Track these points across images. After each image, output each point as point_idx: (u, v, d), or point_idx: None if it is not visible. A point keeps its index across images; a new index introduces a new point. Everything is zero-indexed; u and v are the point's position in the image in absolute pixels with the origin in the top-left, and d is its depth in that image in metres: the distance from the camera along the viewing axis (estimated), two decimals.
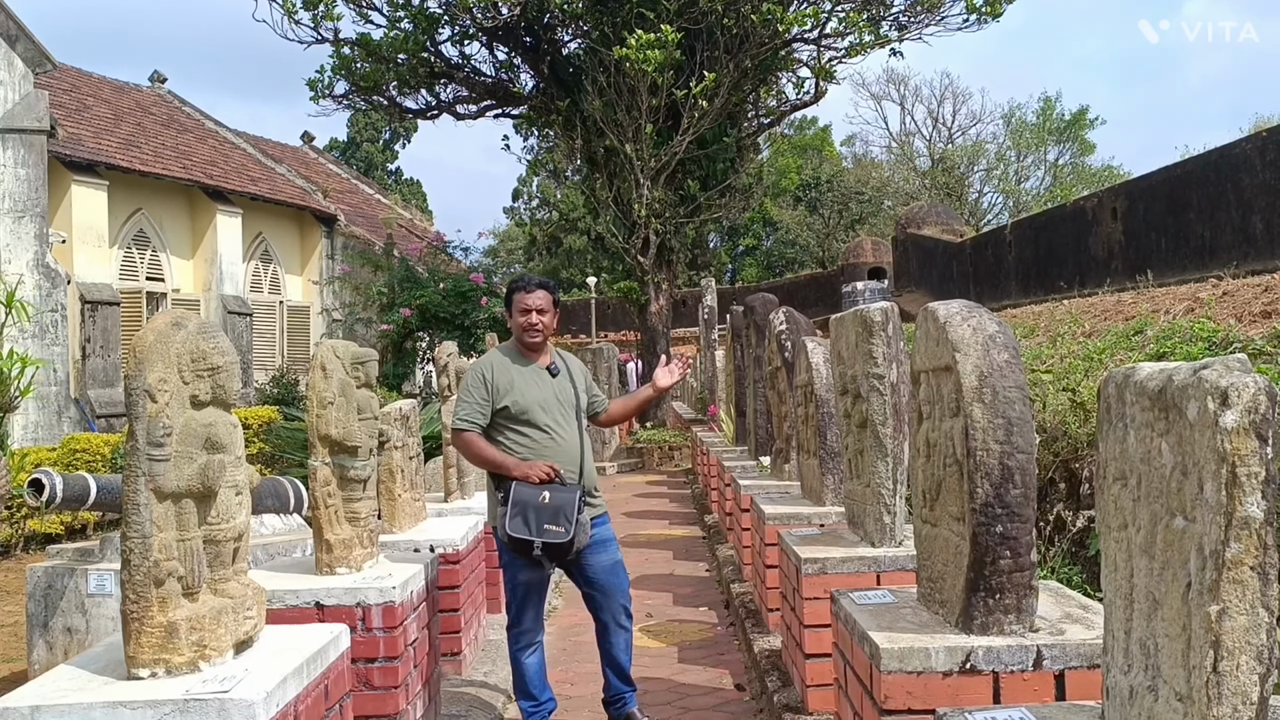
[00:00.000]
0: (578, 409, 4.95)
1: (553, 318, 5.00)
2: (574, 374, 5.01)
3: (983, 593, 2.94)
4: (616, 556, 4.97)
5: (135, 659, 2.99)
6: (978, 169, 48.65)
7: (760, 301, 8.93)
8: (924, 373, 3.29)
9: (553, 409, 4.88)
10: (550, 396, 4.89)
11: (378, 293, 18.44)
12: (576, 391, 4.97)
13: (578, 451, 4.89)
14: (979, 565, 2.93)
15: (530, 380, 4.91)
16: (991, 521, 2.90)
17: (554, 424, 4.87)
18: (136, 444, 2.99)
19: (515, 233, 53.88)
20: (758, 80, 20.40)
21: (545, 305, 4.94)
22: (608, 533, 4.98)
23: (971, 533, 2.92)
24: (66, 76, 24.04)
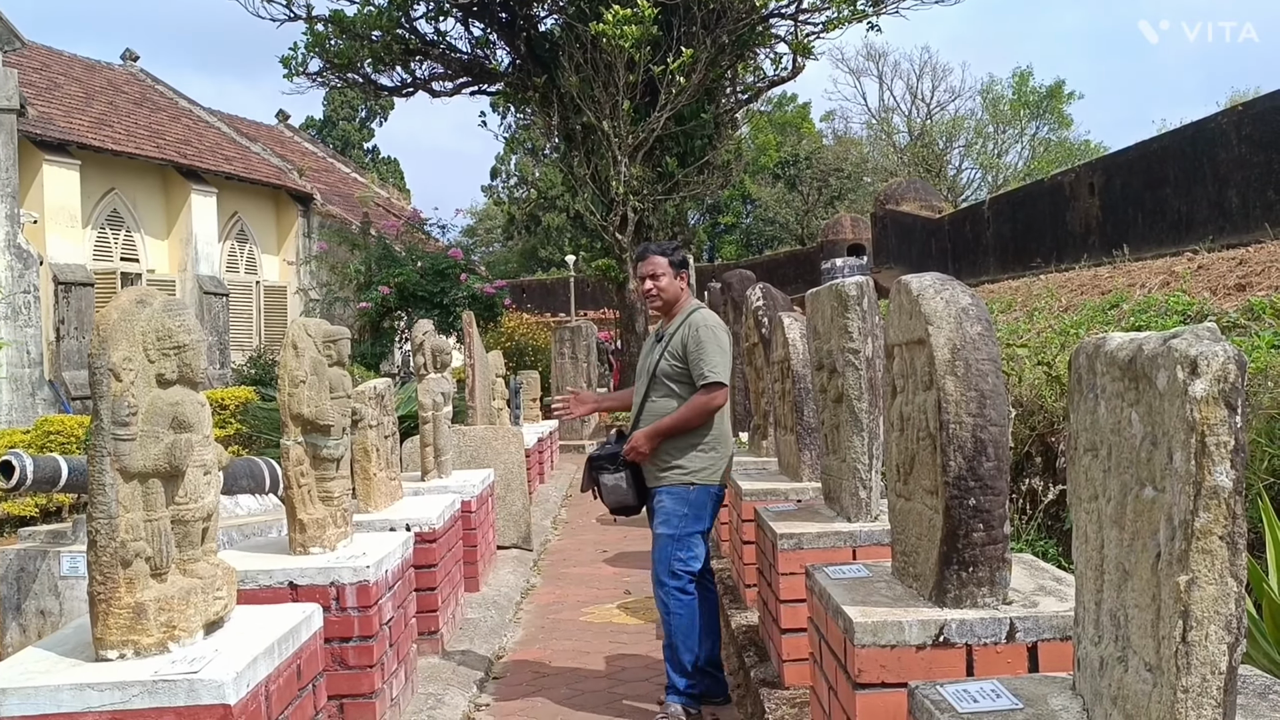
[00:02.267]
0: (652, 377, 4.90)
1: (673, 280, 4.97)
2: (672, 342, 4.88)
3: (956, 566, 2.94)
4: (659, 529, 4.86)
5: (103, 640, 2.96)
6: (957, 145, 48.71)
7: (738, 278, 8.92)
8: (897, 346, 3.28)
9: (641, 374, 5.02)
10: (645, 362, 5.02)
11: (355, 271, 18.33)
12: (659, 361, 4.89)
13: (634, 419, 4.95)
14: (952, 538, 2.92)
15: (648, 345, 5.08)
16: (964, 494, 2.89)
17: (637, 386, 5.03)
18: (101, 423, 2.95)
19: (494, 211, 53.64)
20: (735, 56, 20.31)
21: (658, 269, 4.96)
22: (665, 504, 4.84)
23: (945, 506, 2.92)
24: (37, 55, 23.74)
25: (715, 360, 4.80)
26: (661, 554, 4.83)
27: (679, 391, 4.84)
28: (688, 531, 4.82)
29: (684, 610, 4.78)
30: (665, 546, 4.82)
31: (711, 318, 4.99)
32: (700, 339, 4.81)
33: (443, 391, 7.38)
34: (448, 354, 7.54)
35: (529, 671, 5.72)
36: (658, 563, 4.86)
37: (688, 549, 4.81)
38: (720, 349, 4.85)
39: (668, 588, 4.81)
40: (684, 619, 4.78)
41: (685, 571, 4.80)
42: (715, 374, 4.78)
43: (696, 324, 4.87)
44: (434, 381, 7.34)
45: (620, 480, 4.93)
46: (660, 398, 4.88)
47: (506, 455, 8.91)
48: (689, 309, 4.98)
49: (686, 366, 4.82)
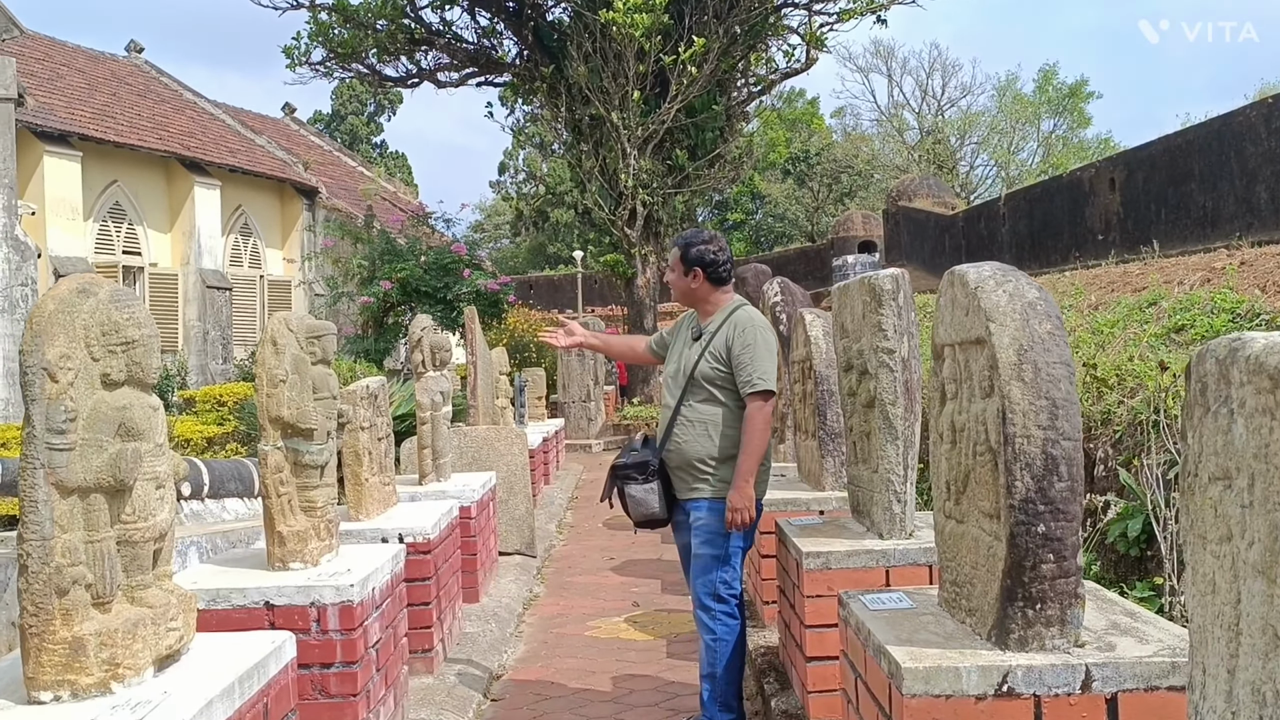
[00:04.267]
0: (689, 379, 4.45)
1: (681, 276, 4.56)
2: (714, 342, 4.42)
3: (1021, 602, 2.54)
4: (699, 549, 4.38)
5: (35, 680, 2.57)
6: (969, 141, 48.20)
7: (753, 272, 8.51)
8: (949, 346, 2.87)
9: (670, 374, 4.63)
10: (677, 363, 4.59)
11: (358, 266, 17.96)
12: (697, 362, 4.44)
13: (666, 424, 4.52)
14: (1017, 570, 2.52)
15: (682, 343, 4.65)
16: (1032, 520, 2.49)
17: (667, 393, 4.63)
18: (34, 430, 2.56)
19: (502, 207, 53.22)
20: (748, 47, 19.90)
21: (673, 264, 4.64)
22: (706, 520, 4.37)
23: (1009, 533, 2.51)
24: (39, 45, 23.41)
25: (766, 365, 4.36)
26: (705, 575, 4.37)
27: (720, 397, 4.39)
28: (732, 550, 4.38)
29: (731, 636, 4.34)
30: (709, 567, 4.36)
31: (758, 316, 4.54)
32: (748, 340, 4.37)
33: (442, 390, 6.99)
34: (447, 351, 7.15)
35: (530, 693, 5.33)
36: (700, 585, 4.38)
37: (732, 569, 4.38)
38: (770, 352, 4.41)
39: (713, 612, 4.35)
40: (730, 646, 4.34)
41: (731, 595, 4.37)
42: (765, 381, 4.33)
43: (742, 324, 4.42)
44: (433, 380, 6.95)
45: (650, 491, 4.48)
46: (699, 402, 4.42)
47: (509, 457, 8.51)
48: (730, 306, 4.53)
49: (729, 370, 4.37)
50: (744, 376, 4.33)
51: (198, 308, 22.85)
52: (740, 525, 4.30)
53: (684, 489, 4.46)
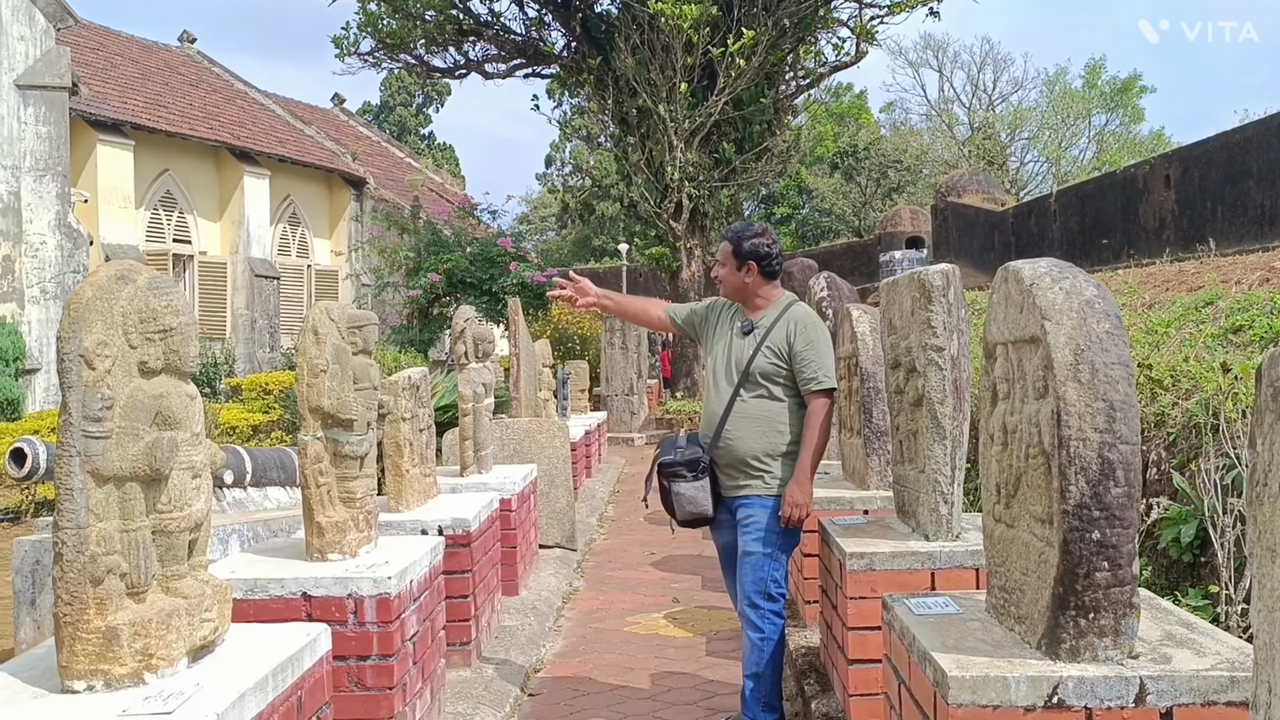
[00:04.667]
0: (744, 374, 4.33)
1: (733, 271, 4.43)
2: (771, 338, 4.32)
3: (1073, 611, 2.45)
4: (749, 546, 4.29)
5: (69, 669, 2.55)
6: (1020, 137, 47.60)
7: (799, 267, 8.41)
8: (1001, 344, 2.78)
9: (721, 371, 4.44)
10: (725, 357, 4.44)
11: (404, 257, 18.02)
12: (753, 357, 4.32)
13: (717, 419, 4.37)
14: (1070, 578, 2.43)
15: (725, 334, 4.51)
16: (1087, 526, 2.40)
17: (714, 388, 4.46)
18: (70, 418, 2.54)
19: (548, 199, 53.34)
20: (796, 39, 19.72)
21: (723, 258, 4.49)
22: (757, 517, 4.29)
23: (1061, 539, 2.43)
24: (93, 35, 23.71)
25: (828, 363, 4.31)
26: (756, 574, 4.28)
27: (776, 393, 4.31)
28: (782, 548, 4.31)
29: (776, 635, 4.27)
30: (760, 565, 4.28)
31: (813, 313, 4.50)
32: (810, 338, 4.30)
33: (484, 382, 6.96)
34: (490, 343, 7.12)
35: (567, 689, 5.29)
36: (749, 583, 4.29)
37: (781, 568, 4.31)
38: (830, 349, 4.38)
39: (762, 610, 4.26)
40: (776, 646, 4.27)
41: (780, 594, 4.30)
42: (829, 379, 4.28)
43: (803, 320, 4.35)
44: (475, 371, 6.92)
45: (700, 489, 4.37)
46: (754, 398, 4.32)
47: (551, 449, 8.48)
48: (784, 301, 4.45)
49: (788, 366, 4.29)
50: (807, 374, 4.26)
51: (246, 296, 23.07)
52: (797, 521, 4.25)
53: (732, 486, 4.37)
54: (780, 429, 4.30)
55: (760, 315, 4.42)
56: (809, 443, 4.26)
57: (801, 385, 4.27)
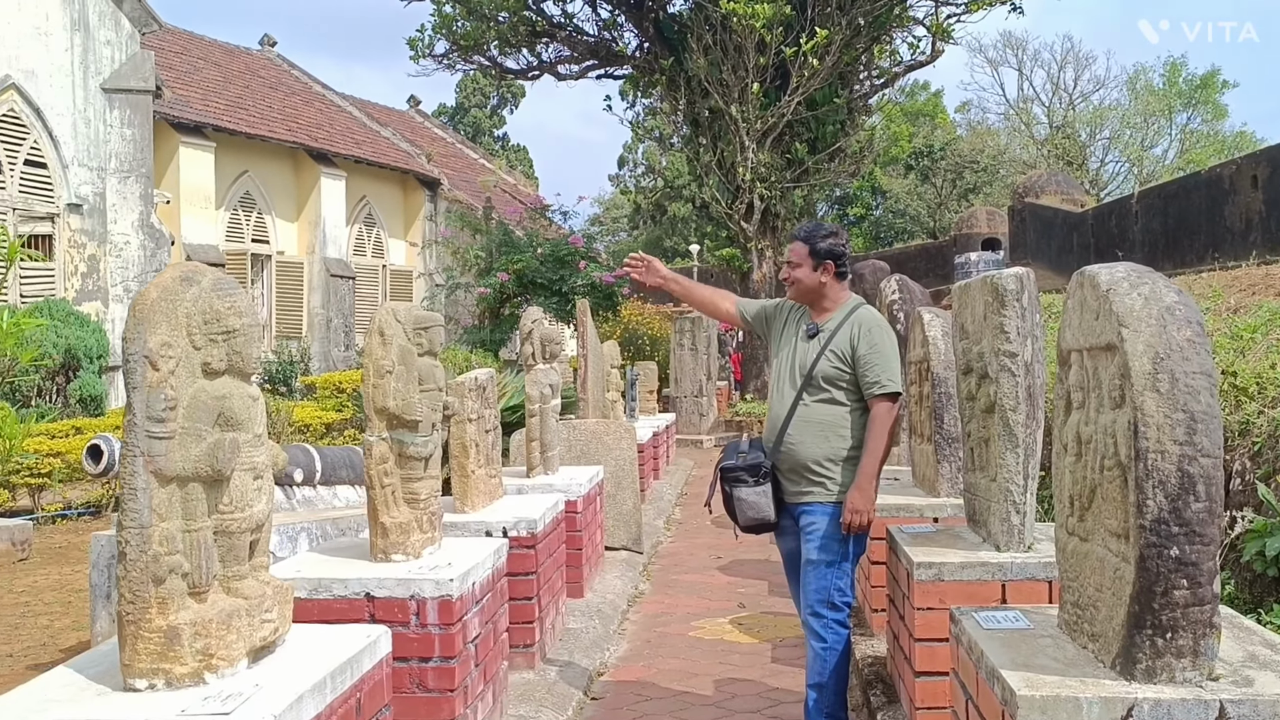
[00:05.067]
0: (807, 378, 4.26)
1: (810, 271, 4.33)
2: (835, 341, 4.25)
3: (1150, 630, 2.35)
4: (812, 555, 4.19)
5: (131, 667, 2.58)
6: (1100, 136, 46.63)
7: (870, 269, 8.29)
8: (1076, 352, 2.69)
9: (784, 375, 4.38)
10: (789, 361, 4.38)
11: (475, 257, 18.16)
12: (817, 360, 4.25)
13: (780, 424, 4.31)
14: (1146, 596, 2.34)
15: (791, 338, 4.44)
16: (1165, 542, 2.30)
17: (777, 392, 4.40)
18: (134, 418, 2.56)
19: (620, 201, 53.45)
20: (871, 38, 19.49)
21: (796, 258, 4.37)
22: (820, 525, 4.19)
23: (1138, 555, 2.33)
24: (178, 40, 24.24)
25: (893, 366, 4.22)
26: (820, 583, 4.19)
27: (840, 398, 4.23)
28: (846, 556, 4.21)
29: (840, 645, 4.18)
30: (823, 574, 4.19)
31: (880, 316, 4.41)
32: (874, 341, 4.22)
33: (551, 383, 6.96)
34: (558, 343, 7.12)
35: (631, 693, 5.25)
36: (814, 592, 4.20)
37: (846, 576, 4.21)
38: (895, 353, 4.28)
39: (825, 620, 4.17)
40: (839, 655, 4.18)
41: (845, 603, 4.20)
42: (894, 382, 4.19)
43: (868, 323, 4.27)
44: (542, 372, 6.92)
45: (763, 494, 4.30)
46: (817, 402, 4.23)
47: (618, 451, 8.46)
48: (850, 303, 4.37)
49: (852, 370, 4.21)
50: (871, 377, 4.17)
51: (322, 295, 23.43)
52: (858, 528, 4.15)
53: (795, 492, 4.30)
54: (842, 434, 4.21)
55: (826, 318, 4.34)
56: (871, 447, 4.17)
57: (865, 389, 4.18)
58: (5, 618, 6.73)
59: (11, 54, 15.78)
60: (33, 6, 16.06)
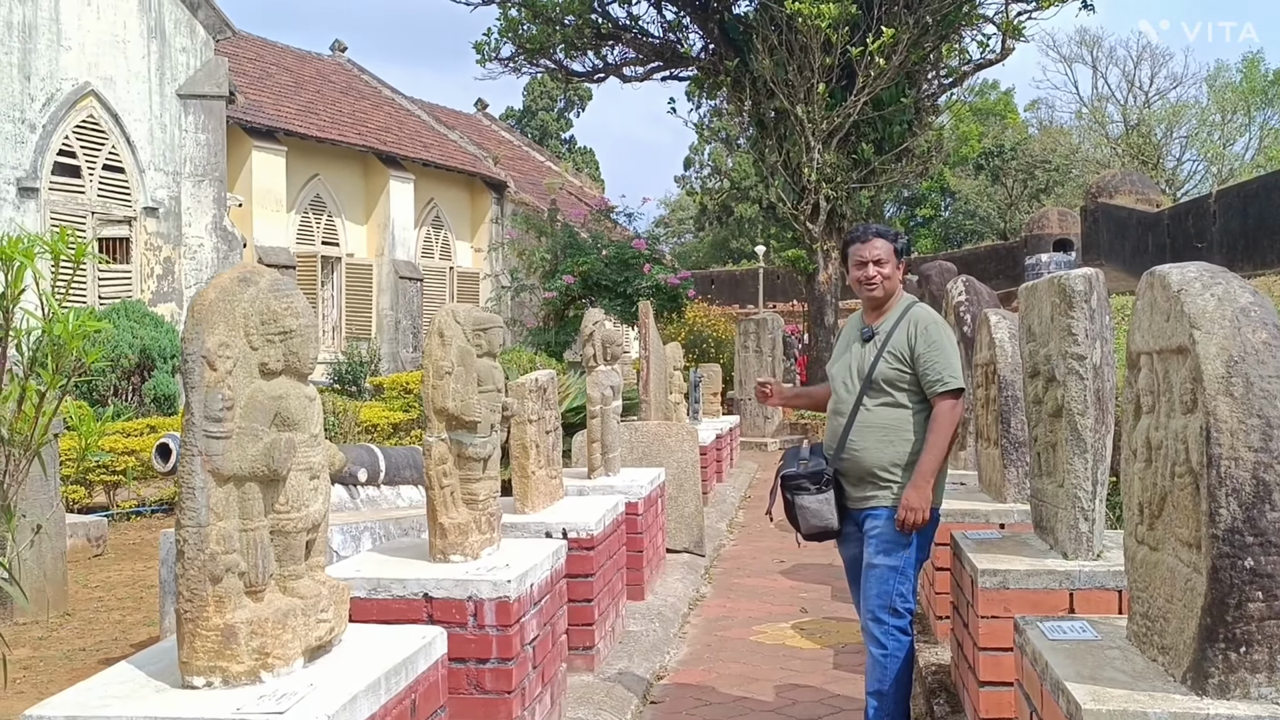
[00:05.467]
0: (867, 381, 4.17)
1: (895, 269, 4.24)
2: (892, 342, 4.16)
3: (1222, 643, 2.27)
4: (875, 559, 4.12)
5: (189, 665, 2.60)
6: (1177, 134, 45.60)
7: (937, 270, 8.18)
8: (1146, 354, 2.60)
9: (843, 380, 4.28)
10: (847, 365, 4.29)
11: (540, 259, 18.25)
12: (875, 363, 4.17)
13: (841, 429, 4.22)
14: (1219, 608, 2.25)
15: (848, 343, 4.36)
16: (1238, 553, 2.22)
17: (837, 393, 4.30)
18: (192, 418, 2.59)
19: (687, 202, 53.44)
20: (939, 37, 19.24)
21: (884, 256, 4.22)
22: (884, 529, 4.12)
23: (1210, 565, 2.25)
24: (251, 46, 24.66)
25: (955, 364, 4.13)
26: (882, 588, 4.12)
27: (901, 400, 4.14)
28: (909, 562, 4.14)
29: (901, 652, 4.11)
30: (887, 579, 4.12)
31: (934, 313, 4.32)
32: (932, 339, 4.12)
33: (612, 385, 6.95)
34: (619, 345, 7.11)
35: (690, 698, 5.21)
36: (875, 597, 4.13)
37: (908, 582, 4.14)
38: (954, 349, 4.19)
39: (886, 626, 4.10)
40: (900, 662, 4.10)
41: (906, 609, 4.13)
42: (957, 379, 4.09)
43: (924, 321, 4.17)
44: (604, 374, 6.92)
45: (826, 502, 4.20)
46: (878, 406, 4.15)
47: (680, 453, 8.42)
48: (905, 303, 4.28)
49: (912, 370, 4.12)
50: (932, 375, 4.08)
51: (390, 297, 23.69)
52: (912, 526, 4.06)
53: (858, 498, 4.22)
54: (907, 437, 4.13)
55: (882, 320, 4.25)
56: (931, 444, 4.08)
57: (927, 388, 4.10)
58: (80, 612, 6.88)
59: (91, 61, 16.17)
60: (111, 15, 16.44)
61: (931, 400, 4.11)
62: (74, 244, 3.40)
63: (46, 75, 15.65)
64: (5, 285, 3.19)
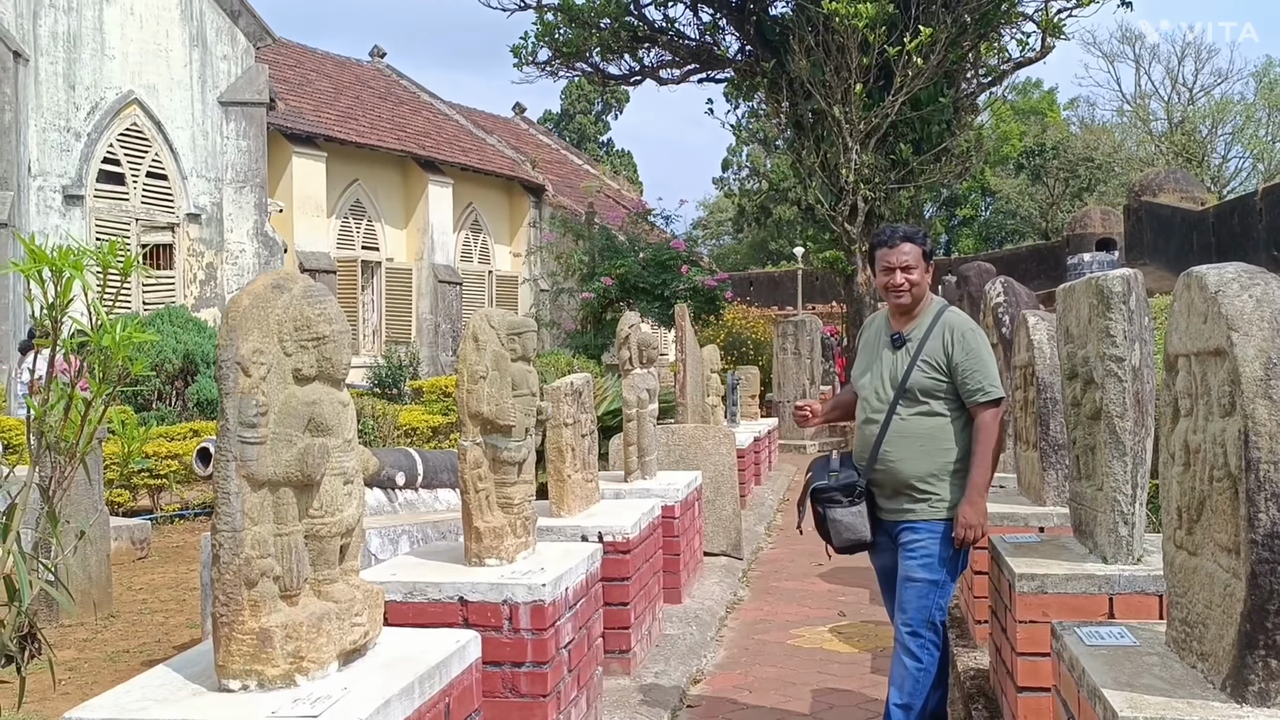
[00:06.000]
0: (900, 390, 4.04)
1: (923, 274, 4.10)
2: (926, 349, 4.02)
3: (1262, 650, 2.23)
4: (915, 573, 4.01)
5: (225, 669, 2.63)
6: (1222, 132, 44.96)
7: (975, 271, 8.11)
8: (1183, 357, 2.57)
9: (874, 387, 4.14)
10: (878, 372, 4.14)
11: (579, 262, 18.29)
12: (909, 371, 4.03)
13: (873, 439, 4.08)
14: (1258, 614, 2.21)
15: (875, 350, 4.23)
16: (1278, 558, 2.18)
17: (868, 401, 4.16)
18: (227, 424, 2.62)
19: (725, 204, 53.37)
20: (978, 36, 19.09)
21: (912, 261, 4.08)
22: (925, 543, 4.02)
23: (1249, 571, 2.21)
24: (290, 53, 24.91)
25: (994, 372, 4.03)
26: (923, 602, 4.03)
27: (938, 409, 4.02)
28: (951, 575, 4.07)
29: (934, 665, 4.05)
30: (928, 594, 4.03)
31: (968, 318, 4.22)
32: (971, 346, 4.01)
33: (648, 388, 6.95)
34: (655, 348, 7.11)
35: (726, 702, 5.20)
36: (915, 612, 4.03)
37: (948, 596, 4.08)
38: (991, 355, 4.10)
39: (923, 640, 4.03)
40: (931, 675, 4.04)
41: (943, 622, 4.08)
42: (997, 388, 4.00)
43: (959, 328, 4.06)
44: (639, 377, 6.92)
45: (858, 515, 4.09)
46: (913, 415, 4.02)
47: (717, 456, 8.41)
48: (935, 307, 4.15)
49: (949, 379, 4.01)
50: (973, 385, 3.97)
51: (430, 301, 23.84)
52: (972, 543, 4.00)
53: (893, 510, 4.11)
54: (945, 447, 4.02)
55: (911, 325, 4.12)
56: (981, 458, 3.99)
57: (966, 398, 4.00)
58: (124, 614, 6.97)
59: (134, 70, 16.41)
60: (154, 24, 16.68)
61: (972, 410, 4.02)
62: (122, 255, 3.46)
63: (91, 84, 15.90)
64: (54, 295, 3.25)
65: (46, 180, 15.38)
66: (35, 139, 15.22)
